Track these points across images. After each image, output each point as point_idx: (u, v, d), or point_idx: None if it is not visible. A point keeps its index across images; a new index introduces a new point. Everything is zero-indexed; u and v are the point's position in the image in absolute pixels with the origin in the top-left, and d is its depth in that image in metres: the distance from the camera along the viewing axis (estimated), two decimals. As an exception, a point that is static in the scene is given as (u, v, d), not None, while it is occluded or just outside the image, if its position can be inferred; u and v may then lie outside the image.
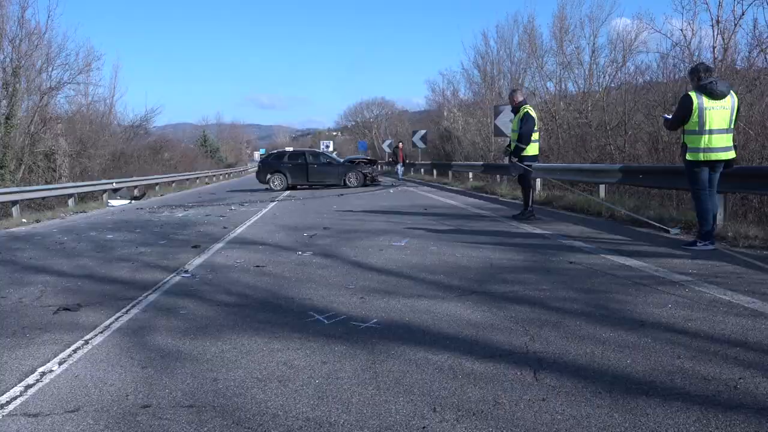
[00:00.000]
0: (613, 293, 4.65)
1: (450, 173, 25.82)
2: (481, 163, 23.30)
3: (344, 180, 22.15)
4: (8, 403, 3.02)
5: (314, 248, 7.53)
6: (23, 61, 24.64)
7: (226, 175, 50.21)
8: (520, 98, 9.96)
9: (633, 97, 18.49)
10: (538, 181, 14.33)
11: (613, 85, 22.54)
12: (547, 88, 26.94)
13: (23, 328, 4.39)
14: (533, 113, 9.76)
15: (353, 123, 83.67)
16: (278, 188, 22.13)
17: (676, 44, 16.87)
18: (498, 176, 19.14)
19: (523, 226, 8.97)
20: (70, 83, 27.75)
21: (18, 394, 3.13)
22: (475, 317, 4.14)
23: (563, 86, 25.95)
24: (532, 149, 9.71)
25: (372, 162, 24.81)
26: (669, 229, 7.75)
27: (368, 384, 3.02)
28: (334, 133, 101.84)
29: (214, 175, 44.74)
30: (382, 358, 3.39)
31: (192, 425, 2.65)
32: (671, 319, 3.90)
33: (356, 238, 8.34)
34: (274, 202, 16.18)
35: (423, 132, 33.91)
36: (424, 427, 2.52)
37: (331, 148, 57.78)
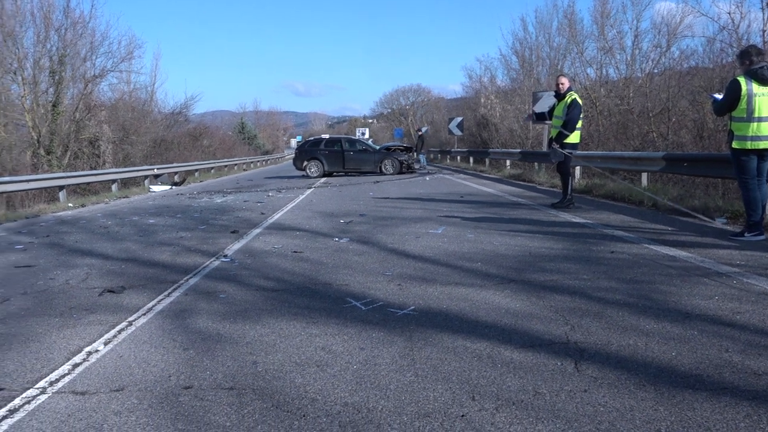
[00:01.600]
0: (657, 284, 4.53)
1: (487, 161, 25.55)
2: (519, 150, 22.96)
3: (380, 167, 22.12)
4: (57, 380, 3.12)
5: (351, 235, 7.55)
6: (69, 50, 25.31)
7: (264, 162, 50.76)
8: (567, 84, 9.76)
9: (677, 83, 17.94)
10: (578, 169, 14.06)
11: (656, 70, 21.95)
12: (587, 74, 26.37)
13: (70, 309, 4.53)
14: (580, 101, 9.56)
15: (389, 110, 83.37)
16: (315, 175, 22.25)
17: (724, 28, 16.28)
18: (536, 164, 18.83)
19: (562, 215, 8.82)
20: (113, 71, 28.43)
21: (66, 372, 3.23)
22: (514, 306, 4.09)
23: (604, 72, 25.36)
24: (574, 137, 9.53)
25: (408, 149, 24.63)
26: (715, 219, 7.51)
27: (406, 371, 3.02)
28: (370, 121, 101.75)
29: (252, 162, 45.29)
30: (419, 345, 3.38)
31: (233, 407, 2.69)
32: (718, 311, 3.78)
33: (393, 225, 8.33)
34: (311, 189, 16.28)
35: (459, 119, 33.59)
36: (463, 415, 2.50)
37: (367, 135, 57.76)
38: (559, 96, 9.75)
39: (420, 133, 29.12)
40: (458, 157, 32.29)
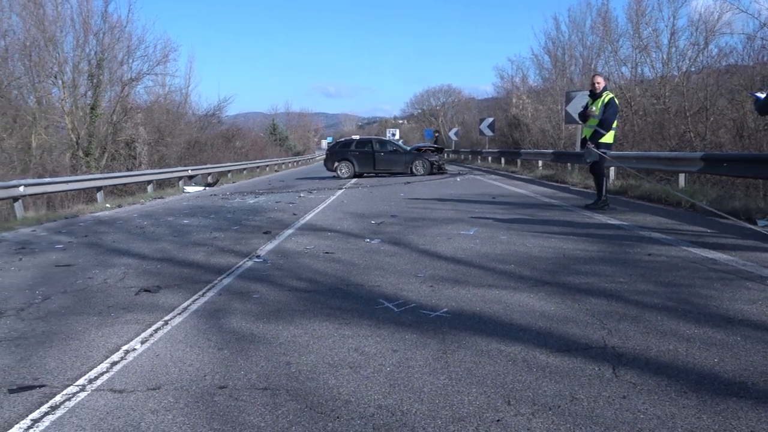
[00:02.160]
0: (697, 288, 4.42)
1: (518, 161, 25.29)
2: (551, 150, 22.68)
3: (411, 168, 22.07)
4: (96, 378, 3.18)
5: (382, 236, 7.55)
6: (106, 54, 25.89)
7: (295, 163, 51.16)
8: (603, 83, 9.60)
9: (716, 81, 17.48)
10: (612, 170, 13.82)
11: (693, 69, 21.43)
12: (621, 73, 25.90)
13: (108, 308, 4.62)
14: (617, 100, 9.40)
15: (419, 111, 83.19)
16: (345, 176, 22.33)
17: (765, 25, 15.82)
18: (569, 165, 18.57)
19: (597, 216, 8.67)
20: (148, 74, 28.97)
21: (104, 370, 3.29)
22: (549, 309, 4.03)
23: (639, 71, 24.87)
24: (609, 137, 9.37)
25: (439, 150, 24.54)
26: (756, 221, 7.29)
27: (440, 373, 2.99)
28: (400, 121, 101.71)
29: (283, 163, 45.68)
30: (453, 348, 3.35)
31: (267, 407, 2.70)
32: (762, 316, 3.66)
33: (424, 226, 8.30)
34: (342, 190, 16.34)
35: (490, 120, 33.35)
36: (498, 420, 2.46)
37: (397, 136, 57.78)
38: (595, 95, 9.59)
39: (437, 134, 29.70)
40: (489, 158, 32.05)
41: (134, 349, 3.62)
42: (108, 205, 14.65)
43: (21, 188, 12.37)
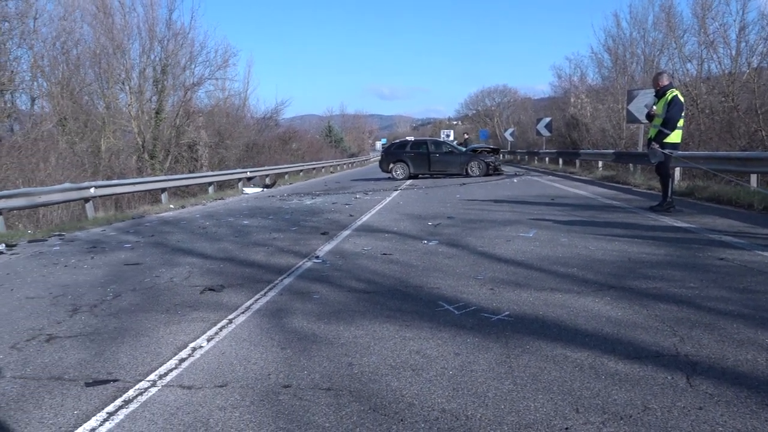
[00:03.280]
0: (775, 294, 4.19)
1: (577, 162, 24.70)
2: (612, 151, 22.04)
3: (466, 169, 21.87)
4: (166, 374, 3.28)
5: (440, 237, 7.51)
6: (170, 60, 26.84)
7: (350, 165, 51.59)
8: (667, 81, 9.27)
9: (791, 76, 16.59)
10: (677, 171, 13.30)
11: (765, 64, 20.39)
12: (686, 70, 24.93)
13: (175, 306, 4.76)
14: (682, 98, 9.05)
15: (474, 111, 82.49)
16: (400, 177, 22.34)
17: None
18: (631, 165, 18.00)
19: (663, 219, 8.37)
20: (209, 79, 29.90)
21: (173, 366, 3.39)
22: (615, 314, 3.91)
23: (705, 67, 23.86)
24: (675, 136, 9.02)
25: (495, 151, 24.21)
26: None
27: (504, 378, 2.94)
28: (455, 122, 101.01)
29: (339, 165, 46.13)
30: (517, 353, 3.29)
31: (331, 408, 2.72)
32: None
33: (482, 228, 8.21)
34: (397, 191, 16.36)
35: (548, 119, 32.72)
36: (566, 429, 2.40)
37: (451, 137, 57.43)
38: (659, 93, 9.27)
39: (466, 137, 29.85)
40: (546, 159, 31.44)
41: (201, 347, 3.71)
42: (172, 206, 15.14)
43: (92, 190, 12.94)
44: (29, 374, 3.37)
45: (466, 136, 30.44)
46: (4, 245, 8.69)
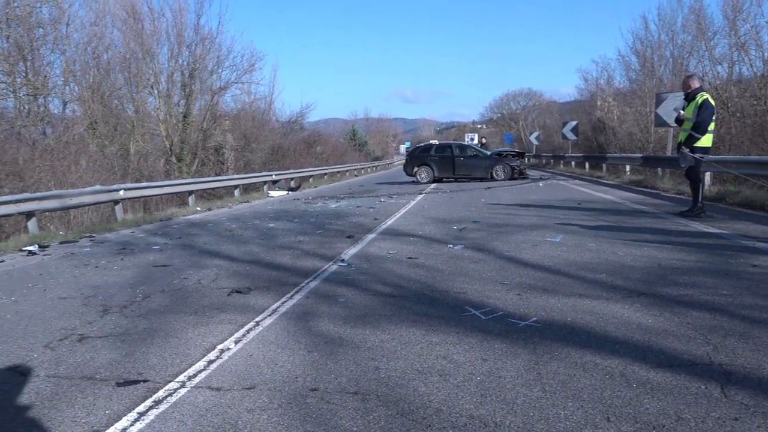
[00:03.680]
0: (812, 303, 4.08)
1: (604, 166, 24.39)
2: (640, 155, 21.71)
3: (491, 173, 21.77)
4: (194, 375, 3.31)
5: (465, 241, 7.47)
6: (198, 64, 27.19)
7: (374, 168, 51.66)
8: (697, 84, 9.10)
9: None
10: (707, 176, 13.05)
11: (800, 66, 19.91)
12: (716, 73, 24.46)
13: (203, 308, 4.81)
14: (713, 101, 8.88)
15: (498, 115, 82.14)
16: (425, 181, 22.31)
17: None
18: (659, 169, 17.72)
19: (693, 224, 8.22)
20: (236, 83, 30.19)
21: (202, 368, 3.43)
22: (646, 321, 3.84)
23: (736, 70, 23.38)
24: (706, 140, 8.85)
25: (520, 154, 24.07)
26: None
27: (533, 385, 2.91)
28: (479, 126, 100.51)
29: (363, 168, 46.21)
30: (545, 359, 3.25)
31: (358, 412, 2.72)
32: None
33: (507, 232, 8.15)
34: (422, 195, 16.34)
35: (574, 123, 32.36)
36: (597, 437, 2.37)
37: (476, 141, 57.22)
38: (689, 97, 9.11)
39: (483, 141, 30.00)
40: (572, 163, 31.10)
41: (229, 349, 3.75)
42: (198, 208, 15.32)
43: (121, 192, 13.16)
44: (62, 373, 3.43)
45: (483, 141, 30.40)
46: (37, 246, 8.88)
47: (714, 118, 8.97)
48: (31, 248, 8.71)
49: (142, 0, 26.71)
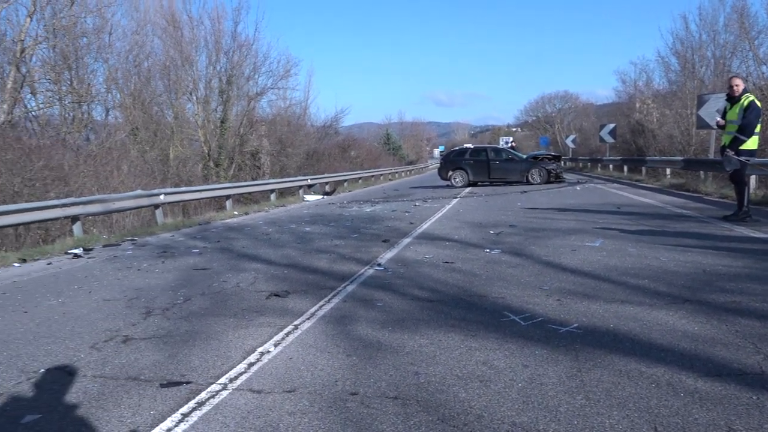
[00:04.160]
0: None
1: (643, 169, 23.89)
2: (681, 158, 21.21)
3: (527, 177, 21.53)
4: (236, 378, 3.35)
5: (502, 246, 7.40)
6: (235, 71, 27.63)
7: (408, 172, 51.66)
8: (742, 86, 8.86)
9: None
10: (752, 179, 12.66)
11: None
12: (761, 73, 23.75)
13: (242, 310, 4.88)
14: (759, 102, 8.62)
15: (534, 118, 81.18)
16: (459, 185, 22.20)
17: None
18: (701, 173, 17.27)
19: (738, 229, 7.98)
20: (272, 89, 30.57)
21: (243, 370, 3.47)
22: (692, 329, 3.74)
23: (784, 69, 22.64)
24: (752, 143, 8.61)
25: (556, 158, 23.71)
26: None
27: (576, 393, 2.86)
28: (513, 129, 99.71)
29: (397, 172, 46.27)
30: (588, 366, 3.19)
31: (398, 417, 2.71)
32: None
33: (545, 236, 8.05)
34: (456, 199, 16.26)
35: (611, 126, 31.78)
36: (645, 447, 2.31)
37: (514, 144, 56.70)
38: (733, 99, 8.86)
39: (513, 145, 29.65)
40: (610, 166, 30.55)
41: (268, 352, 3.78)
42: (236, 213, 15.54)
43: (162, 196, 13.45)
44: (108, 374, 3.52)
45: (513, 144, 30.06)
46: (81, 249, 9.13)
47: (760, 120, 8.72)
48: (76, 251, 8.97)
49: (181, 8, 27.39)
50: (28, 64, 18.65)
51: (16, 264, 8.21)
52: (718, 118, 8.94)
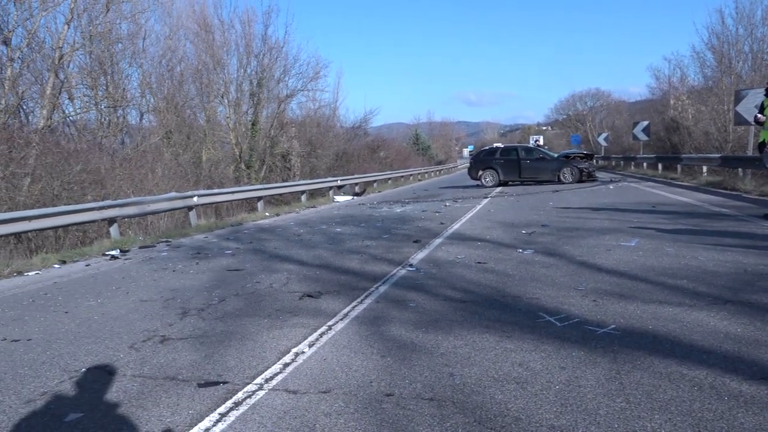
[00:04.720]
0: None
1: (678, 167, 23.37)
2: (718, 155, 20.70)
3: (558, 176, 21.26)
4: (271, 378, 3.38)
5: (535, 246, 7.32)
6: (265, 73, 27.91)
7: (437, 172, 51.51)
8: (781, 80, 8.62)
9: None
10: (795, 175, 12.28)
11: None
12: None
13: (276, 311, 4.92)
14: (800, 97, 8.38)
15: (565, 116, 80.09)
16: (490, 184, 22.04)
17: None
18: (740, 170, 16.82)
19: (781, 228, 7.75)
20: (302, 91, 30.78)
21: (278, 371, 3.49)
22: (735, 330, 3.64)
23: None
24: (793, 138, 8.36)
25: (589, 156, 23.37)
26: None
27: (615, 395, 2.81)
28: (544, 128, 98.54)
29: (426, 172, 46.17)
30: (627, 369, 3.13)
31: (435, 419, 2.70)
32: None
33: (578, 236, 7.93)
34: (487, 199, 16.14)
35: (645, 123, 31.23)
36: (689, 452, 2.25)
37: (541, 143, 56.02)
38: (771, 94, 8.62)
39: (537, 144, 29.33)
40: (644, 164, 29.98)
41: (303, 352, 3.81)
42: (267, 214, 15.70)
43: (195, 198, 13.65)
44: (147, 373, 3.58)
45: (539, 143, 29.73)
46: (118, 251, 9.33)
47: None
48: (113, 252, 9.16)
49: (213, 13, 27.76)
50: (66, 70, 19.10)
51: (56, 265, 8.43)
52: (758, 114, 8.70)
